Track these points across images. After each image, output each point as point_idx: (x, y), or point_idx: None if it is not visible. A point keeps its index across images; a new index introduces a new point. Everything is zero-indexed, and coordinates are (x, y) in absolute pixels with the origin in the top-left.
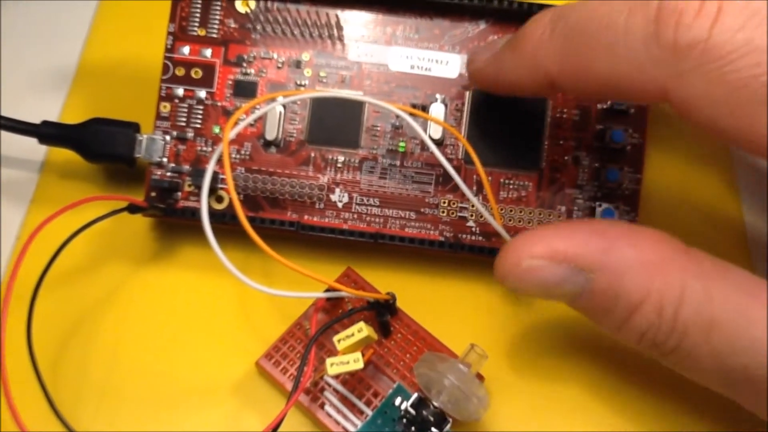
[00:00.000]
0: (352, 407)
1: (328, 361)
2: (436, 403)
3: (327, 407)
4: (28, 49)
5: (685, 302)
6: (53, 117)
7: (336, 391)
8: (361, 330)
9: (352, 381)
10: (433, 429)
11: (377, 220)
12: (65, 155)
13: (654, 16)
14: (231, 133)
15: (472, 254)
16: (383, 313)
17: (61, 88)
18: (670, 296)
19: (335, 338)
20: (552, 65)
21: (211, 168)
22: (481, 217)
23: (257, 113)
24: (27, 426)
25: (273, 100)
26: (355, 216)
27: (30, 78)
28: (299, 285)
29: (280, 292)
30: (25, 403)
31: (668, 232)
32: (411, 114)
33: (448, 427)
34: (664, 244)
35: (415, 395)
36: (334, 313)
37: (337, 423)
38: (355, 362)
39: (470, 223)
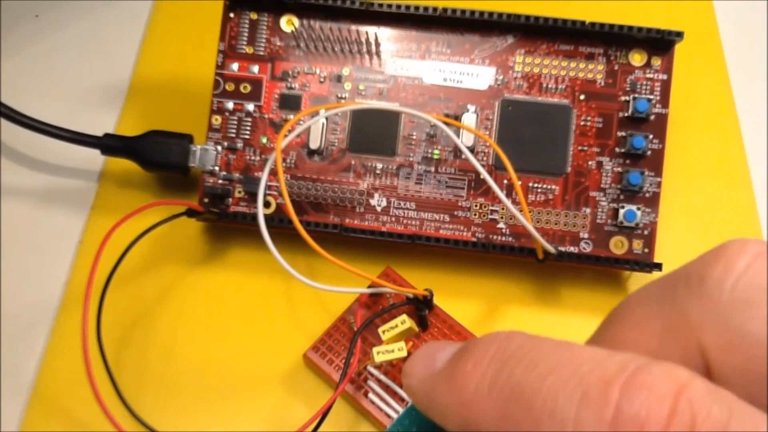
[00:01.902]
0: (394, 395)
1: (375, 349)
2: None
3: (371, 395)
4: (82, 66)
5: None
6: (108, 131)
7: (378, 380)
8: (404, 322)
9: (393, 371)
10: None
11: (414, 222)
12: (121, 165)
13: (610, 420)
14: (282, 143)
15: (502, 254)
16: (421, 308)
17: (115, 103)
18: None
19: (380, 329)
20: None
21: (265, 176)
22: (511, 218)
23: (304, 125)
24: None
25: (317, 113)
26: (393, 219)
27: (84, 94)
28: (342, 283)
29: (329, 287)
30: (99, 385)
31: (686, 231)
32: (446, 123)
33: None
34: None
35: None
36: (375, 309)
37: (380, 410)
38: (399, 351)
39: (501, 225)
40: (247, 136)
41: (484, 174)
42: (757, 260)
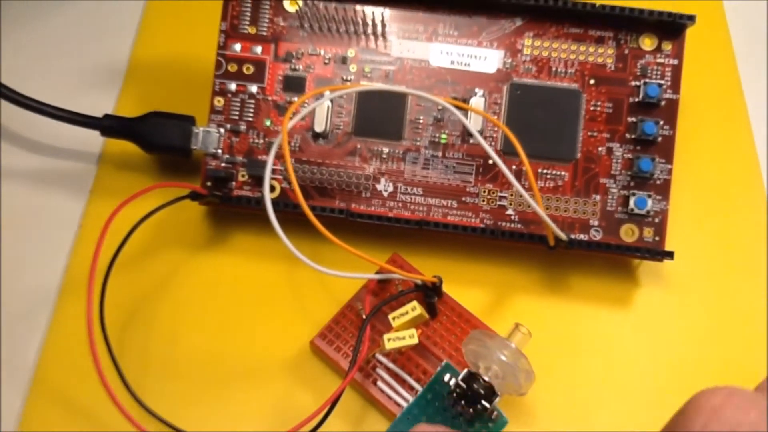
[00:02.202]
0: (403, 383)
1: (386, 336)
2: (485, 378)
3: (379, 383)
4: (80, 47)
5: None
6: (107, 112)
7: (387, 368)
8: (414, 308)
9: (401, 359)
10: (483, 401)
11: (421, 208)
12: (121, 147)
13: None
14: (288, 125)
15: (511, 240)
16: (430, 295)
17: (113, 85)
18: None
19: (390, 316)
20: None
21: (271, 158)
22: (520, 205)
23: (309, 108)
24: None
25: (321, 95)
26: (400, 204)
27: (82, 75)
28: (348, 270)
29: (337, 273)
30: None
31: (697, 219)
32: (454, 106)
33: (497, 400)
34: None
35: (465, 370)
36: (383, 296)
37: (389, 398)
38: (410, 338)
39: (509, 211)
40: (250, 119)
41: (495, 157)
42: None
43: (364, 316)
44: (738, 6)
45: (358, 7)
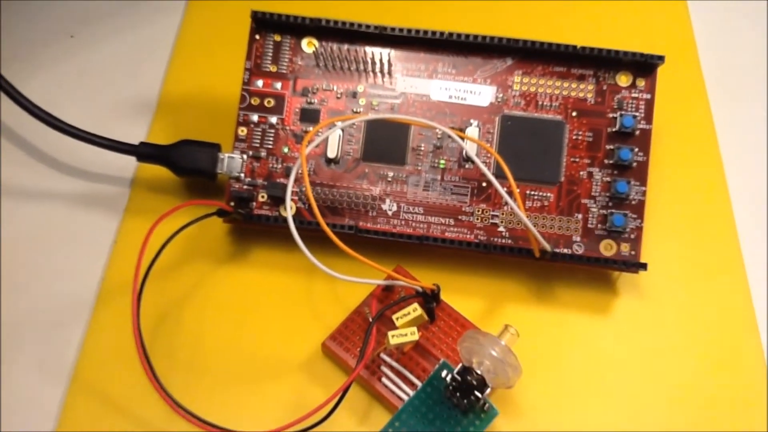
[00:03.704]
0: (405, 379)
1: (390, 333)
2: (478, 371)
3: (384, 379)
4: (115, 81)
5: None
6: (139, 140)
7: (391, 366)
8: (416, 309)
9: (403, 359)
10: (475, 392)
11: (422, 225)
12: (151, 171)
13: None
14: (306, 151)
15: (502, 254)
16: (429, 302)
17: (145, 117)
18: None
19: (394, 316)
20: None
21: (291, 180)
22: (510, 222)
23: (323, 136)
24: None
25: (334, 125)
26: (403, 222)
27: (115, 108)
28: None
29: (348, 278)
30: (134, 372)
31: (669, 235)
32: (452, 133)
33: (488, 391)
34: None
35: (460, 365)
36: (387, 302)
37: (392, 392)
38: (411, 335)
39: (501, 228)
40: (270, 146)
41: (491, 178)
42: None
43: (370, 319)
44: (710, 41)
45: (367, 48)
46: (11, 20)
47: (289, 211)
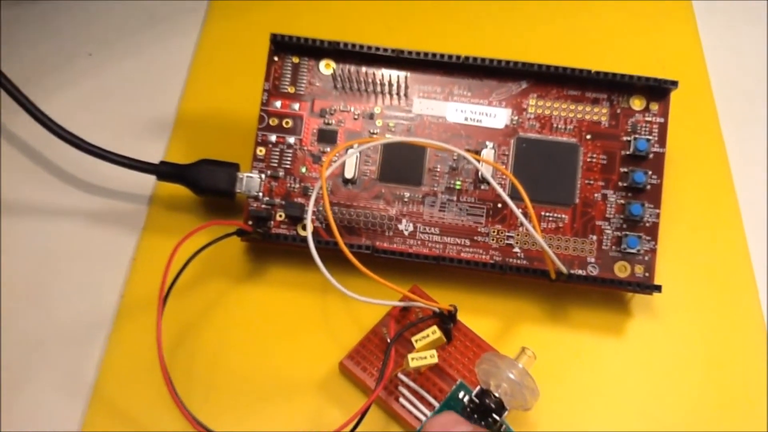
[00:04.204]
0: (422, 400)
1: (409, 356)
2: (496, 394)
3: (401, 399)
4: (133, 102)
5: None
6: (157, 159)
7: (408, 386)
8: (435, 332)
9: (420, 379)
10: (494, 415)
11: (438, 246)
12: (169, 190)
13: None
14: (326, 172)
15: (518, 275)
16: (446, 322)
17: (162, 135)
18: None
19: (413, 338)
20: None
21: (312, 201)
22: (525, 243)
23: (344, 157)
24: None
25: (351, 146)
26: (419, 242)
27: (133, 126)
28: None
29: (365, 299)
30: (154, 387)
31: (683, 257)
32: (468, 155)
33: (505, 414)
34: None
35: (478, 387)
36: (404, 323)
37: (410, 412)
38: (431, 357)
39: (516, 249)
40: (288, 166)
41: (507, 199)
42: None
43: (388, 340)
44: (721, 66)
45: (384, 71)
46: (31, 40)
47: (309, 230)
